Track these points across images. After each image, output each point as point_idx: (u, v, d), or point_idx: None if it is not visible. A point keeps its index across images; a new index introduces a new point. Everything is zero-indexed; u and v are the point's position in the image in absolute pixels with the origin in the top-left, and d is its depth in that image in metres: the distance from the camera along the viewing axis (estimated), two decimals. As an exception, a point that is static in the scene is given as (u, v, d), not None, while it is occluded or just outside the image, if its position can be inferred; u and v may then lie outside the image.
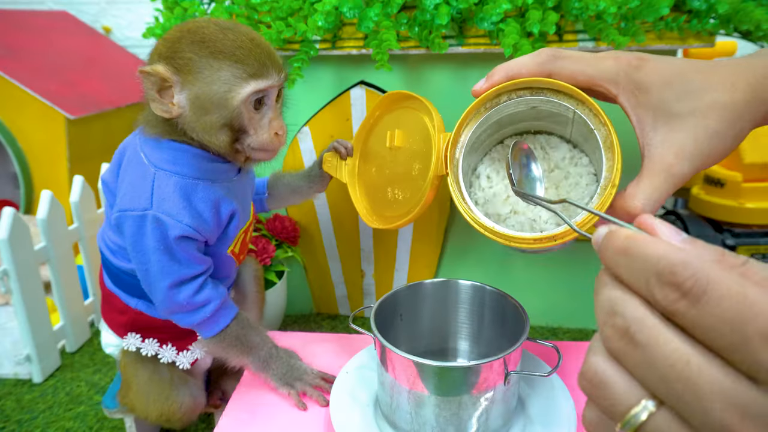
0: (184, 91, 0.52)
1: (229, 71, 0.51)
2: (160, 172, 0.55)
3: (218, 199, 0.57)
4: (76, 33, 1.59)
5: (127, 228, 0.55)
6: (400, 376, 0.52)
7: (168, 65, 0.51)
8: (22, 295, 0.93)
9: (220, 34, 0.51)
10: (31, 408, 0.93)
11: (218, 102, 0.51)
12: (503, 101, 0.52)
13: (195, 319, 0.58)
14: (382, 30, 0.84)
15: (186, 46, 0.51)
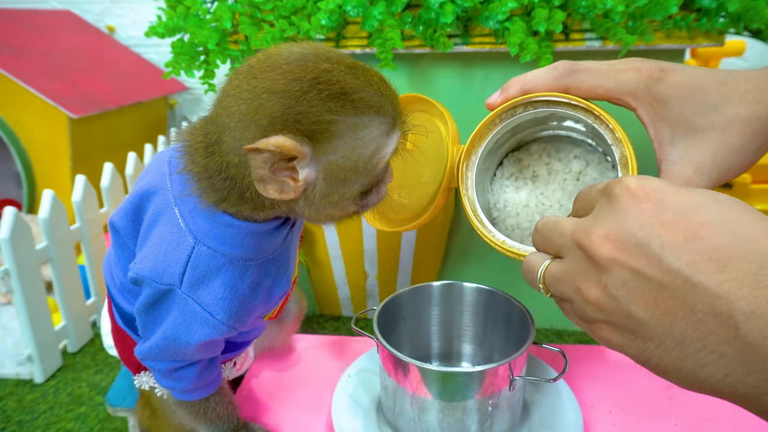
0: (315, 163, 0.37)
1: (376, 127, 0.38)
2: (201, 247, 0.42)
3: (271, 283, 0.47)
4: (79, 32, 1.59)
5: (146, 292, 0.45)
6: (404, 380, 0.52)
7: (293, 134, 0.36)
8: (23, 294, 0.93)
9: (352, 78, 0.37)
10: (33, 408, 0.92)
11: (363, 168, 0.39)
12: (519, 113, 0.52)
13: (164, 383, 0.51)
14: (386, 29, 0.83)
15: (320, 104, 0.35)
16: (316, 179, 0.38)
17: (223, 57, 0.86)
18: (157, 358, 0.48)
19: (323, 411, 0.62)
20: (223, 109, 0.38)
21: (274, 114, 0.36)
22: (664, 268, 0.26)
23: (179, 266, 0.42)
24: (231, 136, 0.37)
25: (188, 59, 0.85)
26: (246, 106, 0.36)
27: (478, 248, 1.05)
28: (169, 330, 0.45)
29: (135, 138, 1.50)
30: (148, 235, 0.45)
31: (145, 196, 0.45)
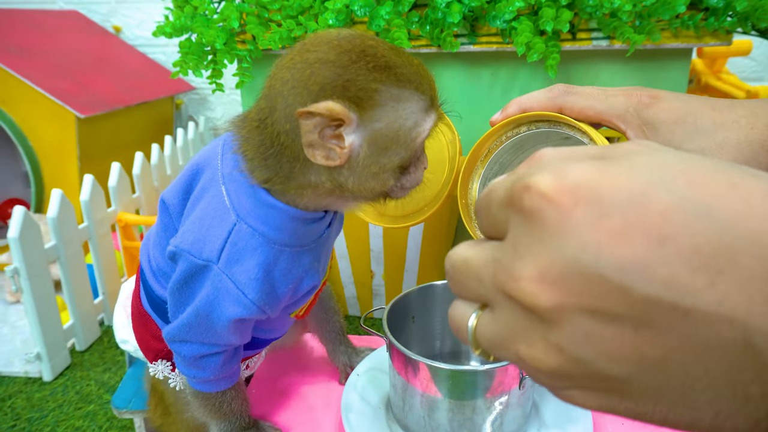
0: (360, 130, 0.39)
1: (415, 102, 0.40)
2: (242, 225, 0.44)
3: (302, 274, 0.48)
4: (86, 32, 1.60)
5: (181, 267, 0.46)
6: (413, 379, 0.52)
7: (341, 99, 0.38)
8: (32, 293, 0.94)
9: (395, 56, 0.40)
10: (42, 406, 0.93)
11: (404, 140, 0.41)
12: (523, 131, 0.54)
13: (185, 371, 0.51)
14: (393, 28, 0.84)
15: (366, 73, 0.38)
16: (360, 146, 0.40)
17: (230, 57, 0.86)
18: (186, 339, 0.48)
19: (332, 409, 0.62)
20: (276, 80, 0.41)
21: (324, 81, 0.38)
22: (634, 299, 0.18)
23: (220, 241, 0.44)
24: (284, 102, 0.40)
25: (196, 59, 0.86)
26: (299, 74, 0.39)
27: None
28: (201, 306, 0.46)
29: (141, 137, 1.51)
30: (192, 209, 0.46)
31: (196, 173, 0.47)
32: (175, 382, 0.55)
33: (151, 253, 0.53)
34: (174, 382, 0.55)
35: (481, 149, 0.56)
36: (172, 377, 0.55)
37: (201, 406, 0.55)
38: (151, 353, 0.57)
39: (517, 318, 0.21)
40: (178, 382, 0.55)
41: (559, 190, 0.20)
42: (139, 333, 0.58)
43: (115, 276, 1.17)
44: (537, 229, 0.20)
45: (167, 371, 0.55)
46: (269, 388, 0.66)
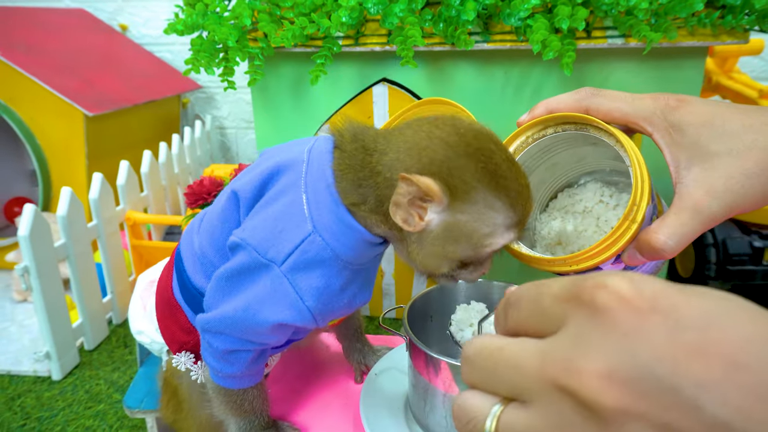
0: (443, 213, 0.42)
1: (502, 215, 0.42)
2: (316, 236, 0.45)
3: (357, 290, 0.50)
4: (93, 30, 1.60)
5: (239, 258, 0.46)
6: (435, 378, 0.51)
7: (440, 182, 0.41)
8: (42, 291, 0.93)
9: (508, 168, 0.42)
10: (51, 405, 0.92)
11: (475, 241, 0.43)
12: (549, 134, 0.54)
13: (211, 362, 0.51)
14: (407, 26, 0.83)
15: (474, 172, 0.41)
16: (436, 226, 0.43)
17: (242, 54, 0.85)
18: (222, 332, 0.48)
19: (350, 409, 0.62)
20: (401, 134, 0.44)
21: (435, 158, 0.42)
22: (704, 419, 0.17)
23: (289, 246, 0.45)
24: (396, 156, 0.43)
25: (208, 56, 0.85)
26: (421, 141, 0.43)
27: (496, 247, 1.04)
28: (252, 303, 0.46)
29: (148, 136, 1.50)
30: (264, 207, 0.47)
31: (276, 172, 0.48)
32: (197, 375, 0.55)
33: (198, 240, 0.52)
34: (196, 375, 0.55)
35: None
36: (194, 370, 0.55)
37: (222, 403, 0.55)
38: (175, 344, 0.56)
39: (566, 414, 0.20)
40: (200, 375, 0.55)
41: (637, 295, 0.20)
42: (164, 323, 0.58)
43: (123, 275, 1.17)
44: (608, 327, 0.20)
45: (189, 363, 0.55)
46: (286, 387, 0.66)
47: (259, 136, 1.02)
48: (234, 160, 1.91)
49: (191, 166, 1.53)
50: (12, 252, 1.29)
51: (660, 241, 0.45)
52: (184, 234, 0.56)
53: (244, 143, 1.90)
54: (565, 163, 0.62)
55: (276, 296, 0.46)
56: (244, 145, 1.90)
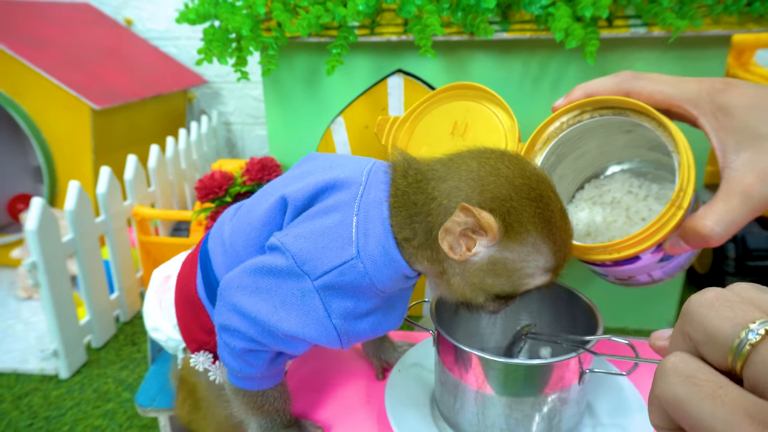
0: (492, 248, 0.42)
1: (545, 260, 0.43)
2: (358, 262, 0.44)
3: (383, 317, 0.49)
4: (98, 24, 1.58)
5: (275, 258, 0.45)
6: (465, 374, 0.49)
7: (498, 218, 0.41)
8: (50, 288, 0.91)
9: (560, 218, 0.43)
10: (59, 405, 0.90)
11: (516, 279, 0.44)
12: (586, 119, 0.52)
13: (230, 363, 0.50)
14: (425, 15, 0.81)
15: (531, 216, 0.42)
16: (481, 259, 0.43)
17: (256, 44, 0.83)
18: (239, 330, 0.46)
19: (373, 407, 0.60)
20: (464, 164, 0.44)
21: (498, 194, 0.42)
22: None
23: (329, 265, 0.44)
24: (456, 184, 0.43)
25: (220, 46, 0.83)
26: (485, 175, 0.43)
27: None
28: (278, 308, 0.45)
29: (155, 131, 1.48)
30: (313, 219, 0.46)
31: (331, 187, 0.47)
32: (215, 375, 0.53)
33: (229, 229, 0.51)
34: (214, 375, 0.53)
35: (540, 135, 0.54)
36: (212, 370, 0.53)
37: (242, 404, 0.53)
38: (194, 344, 0.54)
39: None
40: (218, 375, 0.53)
41: None
42: (184, 322, 0.56)
43: (131, 271, 1.15)
44: None
45: (208, 363, 0.53)
46: (306, 385, 0.63)
47: (270, 128, 1.00)
48: (240, 156, 1.89)
49: (198, 162, 1.51)
50: (17, 249, 1.27)
51: (707, 227, 0.43)
52: (213, 229, 0.54)
53: (250, 139, 1.87)
54: (593, 153, 0.61)
55: (304, 308, 0.45)
56: (251, 140, 1.88)
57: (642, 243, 0.45)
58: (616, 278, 0.57)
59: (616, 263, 0.50)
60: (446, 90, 0.64)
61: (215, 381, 0.54)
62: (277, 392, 0.52)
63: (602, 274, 0.57)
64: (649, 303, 1.09)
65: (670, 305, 1.08)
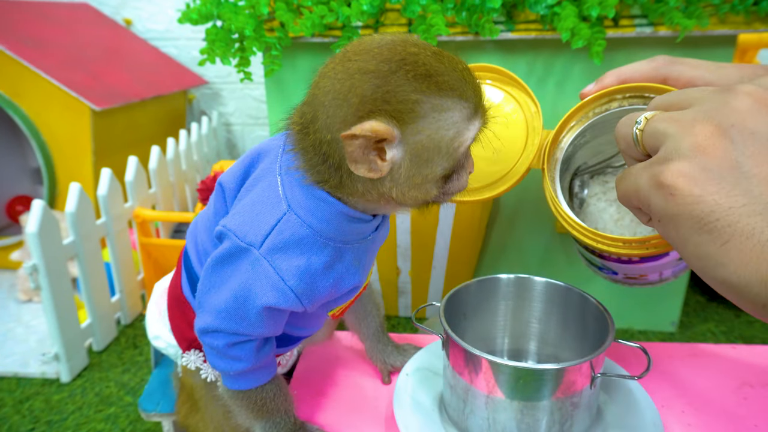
0: (401, 143, 0.39)
1: (458, 111, 0.39)
2: (291, 215, 0.43)
3: (343, 271, 0.47)
4: (97, 25, 1.57)
5: (224, 247, 0.45)
6: (476, 378, 0.48)
7: (382, 114, 0.37)
8: (51, 291, 0.90)
9: (436, 62, 0.39)
10: (61, 409, 0.89)
11: (446, 150, 0.40)
12: (614, 108, 0.49)
13: (220, 365, 0.49)
14: (429, 14, 0.80)
15: (408, 84, 0.37)
16: (402, 159, 0.40)
17: (259, 44, 0.83)
18: (219, 328, 0.46)
19: (380, 411, 0.59)
20: (318, 89, 0.40)
21: (365, 93, 0.38)
22: None
23: (267, 228, 0.44)
24: (325, 113, 0.39)
25: (223, 46, 0.82)
26: (340, 85, 0.38)
27: (517, 244, 1.01)
28: (238, 291, 0.45)
29: (155, 132, 1.47)
30: (246, 194, 0.46)
31: (256, 158, 0.47)
32: (206, 374, 0.53)
33: (200, 237, 0.52)
34: (206, 374, 0.53)
35: (567, 123, 0.52)
36: (204, 368, 0.53)
37: (243, 408, 0.52)
38: (184, 342, 0.55)
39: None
40: (210, 374, 0.53)
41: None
42: (174, 321, 0.56)
43: (132, 274, 1.14)
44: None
45: (199, 362, 0.54)
46: (312, 389, 0.63)
47: (272, 131, 0.99)
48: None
49: (198, 163, 1.50)
50: (16, 251, 1.26)
51: None
52: (188, 231, 0.55)
53: (250, 140, 1.87)
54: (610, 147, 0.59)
55: (259, 279, 0.44)
56: (251, 141, 1.87)
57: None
58: (626, 277, 0.55)
59: (642, 259, 0.49)
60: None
61: (208, 380, 0.54)
62: (275, 388, 0.51)
63: (611, 273, 0.56)
64: (653, 303, 1.08)
65: (674, 305, 1.08)
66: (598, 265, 0.58)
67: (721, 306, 1.19)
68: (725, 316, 1.16)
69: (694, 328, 1.12)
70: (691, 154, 0.28)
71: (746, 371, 0.62)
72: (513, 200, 1.01)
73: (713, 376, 0.61)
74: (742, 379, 0.61)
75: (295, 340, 0.56)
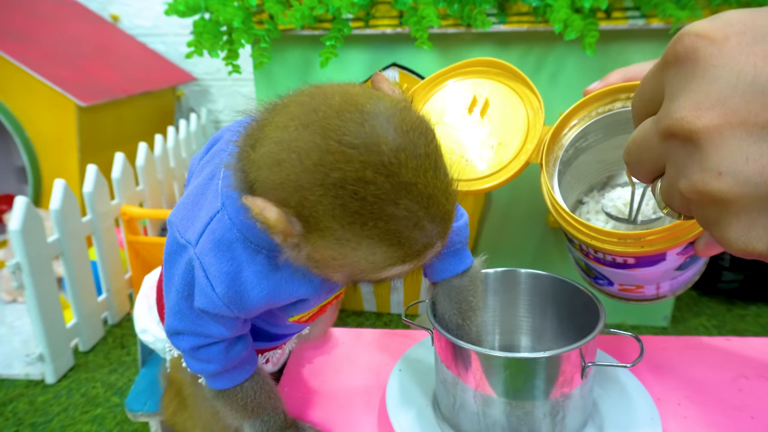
0: (306, 247, 0.34)
1: (381, 256, 0.33)
2: (223, 214, 0.39)
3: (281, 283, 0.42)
4: (84, 20, 1.54)
5: (168, 239, 0.42)
6: (465, 372, 0.47)
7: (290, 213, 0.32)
8: (35, 290, 0.88)
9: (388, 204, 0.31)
10: (46, 410, 0.87)
11: (348, 272, 0.35)
12: (618, 108, 0.49)
13: (193, 367, 0.47)
14: (420, 6, 0.79)
15: (329, 209, 0.31)
16: (301, 252, 0.34)
17: (248, 36, 0.81)
18: (180, 330, 0.44)
19: (373, 407, 0.58)
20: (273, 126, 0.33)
21: (288, 179, 0.31)
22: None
23: (201, 225, 0.39)
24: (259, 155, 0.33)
25: (211, 39, 0.81)
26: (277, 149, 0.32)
27: (510, 240, 1.01)
28: (182, 289, 0.42)
29: (142, 129, 1.45)
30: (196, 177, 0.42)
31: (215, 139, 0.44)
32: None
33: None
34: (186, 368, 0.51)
35: (569, 120, 0.51)
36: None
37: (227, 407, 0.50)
38: None
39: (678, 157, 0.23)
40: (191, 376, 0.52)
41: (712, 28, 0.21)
42: (161, 313, 0.55)
43: (119, 273, 1.12)
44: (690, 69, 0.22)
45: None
46: (303, 386, 0.62)
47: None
48: (230, 156, 1.86)
49: (187, 160, 1.48)
50: (0, 250, 1.23)
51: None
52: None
53: (240, 138, 1.85)
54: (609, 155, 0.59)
55: (193, 281, 0.40)
56: (240, 140, 1.85)
57: (676, 237, 0.43)
58: (622, 288, 0.55)
59: (638, 262, 0.48)
60: (465, 65, 0.61)
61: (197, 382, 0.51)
62: (255, 385, 0.49)
63: (607, 283, 0.55)
64: (646, 299, 1.08)
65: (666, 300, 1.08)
66: (594, 274, 0.57)
67: (713, 300, 1.20)
68: (717, 310, 1.16)
69: (686, 322, 1.12)
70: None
71: (741, 363, 0.61)
72: (505, 195, 1.01)
73: (708, 369, 0.61)
74: (737, 370, 0.60)
75: (278, 337, 0.54)
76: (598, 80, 0.49)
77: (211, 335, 0.44)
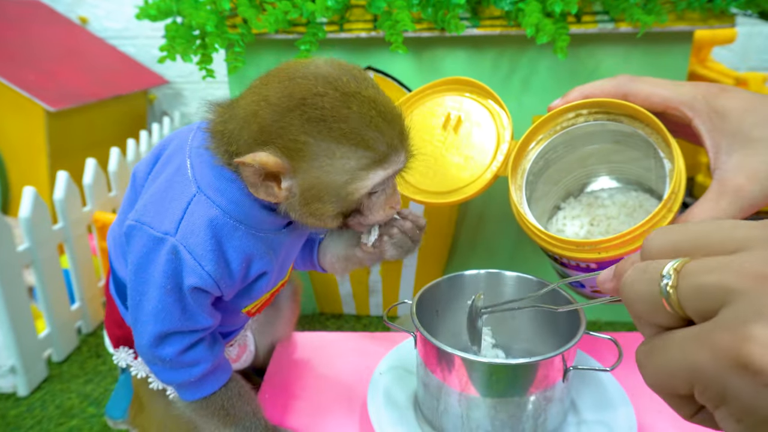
0: (295, 178, 0.40)
1: (354, 160, 0.39)
2: (201, 196, 0.43)
3: (253, 254, 0.46)
4: (51, 23, 1.50)
5: (137, 243, 0.44)
6: (449, 376, 0.48)
7: (275, 150, 0.39)
8: (5, 300, 0.86)
9: (342, 107, 0.38)
10: (18, 424, 0.85)
11: (336, 193, 0.41)
12: (580, 122, 0.53)
13: (177, 378, 0.48)
14: (395, 11, 0.80)
15: (300, 125, 0.38)
16: (295, 192, 0.41)
17: (221, 41, 0.80)
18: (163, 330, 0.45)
19: (354, 411, 0.58)
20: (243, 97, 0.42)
21: (263, 123, 0.39)
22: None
23: (178, 213, 0.43)
24: (237, 125, 0.41)
25: (184, 43, 0.80)
26: (251, 108, 0.40)
27: (486, 240, 1.02)
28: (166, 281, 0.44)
29: (114, 134, 1.42)
30: (154, 180, 0.45)
31: (167, 142, 0.48)
32: (137, 371, 0.53)
33: (117, 234, 0.51)
34: (136, 371, 0.53)
35: (534, 135, 0.55)
36: (135, 365, 0.53)
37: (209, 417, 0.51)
38: (113, 340, 0.54)
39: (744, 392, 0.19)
40: (140, 371, 0.53)
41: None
42: (107, 321, 0.56)
43: (92, 280, 1.09)
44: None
45: (130, 359, 0.53)
46: (283, 392, 0.61)
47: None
48: (205, 159, 1.83)
49: (161, 165, 1.46)
50: (-33, 260, 1.19)
51: None
52: (109, 229, 0.55)
53: (215, 141, 1.83)
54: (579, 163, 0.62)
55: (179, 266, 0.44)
56: (215, 143, 1.83)
57: (630, 244, 0.45)
58: (593, 290, 0.57)
59: (600, 266, 0.50)
60: (441, 84, 0.65)
61: (138, 376, 0.53)
62: (236, 386, 0.51)
63: (579, 285, 0.58)
64: (620, 295, 1.11)
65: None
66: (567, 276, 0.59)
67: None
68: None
69: (658, 317, 1.15)
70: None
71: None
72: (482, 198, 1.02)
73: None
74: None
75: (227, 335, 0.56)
76: (560, 98, 0.53)
77: (197, 328, 0.46)
